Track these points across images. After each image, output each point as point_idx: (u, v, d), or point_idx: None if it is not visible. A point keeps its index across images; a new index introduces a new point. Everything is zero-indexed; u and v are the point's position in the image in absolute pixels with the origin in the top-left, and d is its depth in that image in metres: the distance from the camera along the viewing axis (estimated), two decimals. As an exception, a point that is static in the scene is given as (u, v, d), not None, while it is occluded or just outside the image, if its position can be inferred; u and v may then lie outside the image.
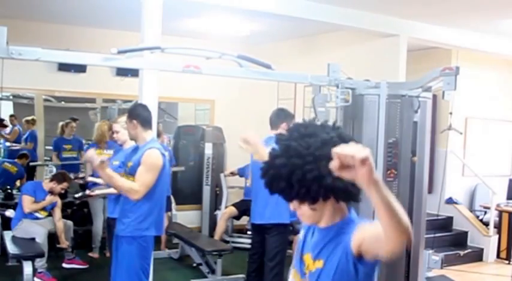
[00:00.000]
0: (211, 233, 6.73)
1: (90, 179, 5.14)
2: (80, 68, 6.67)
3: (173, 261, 6.22)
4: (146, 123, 3.52)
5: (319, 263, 1.57)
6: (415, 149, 3.62)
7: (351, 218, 1.60)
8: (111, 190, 4.15)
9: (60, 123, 7.27)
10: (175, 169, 7.14)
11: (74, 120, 7.36)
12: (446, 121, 6.04)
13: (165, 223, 5.15)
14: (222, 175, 7.21)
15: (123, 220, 3.43)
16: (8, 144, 8.30)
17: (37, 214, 5.38)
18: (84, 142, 7.38)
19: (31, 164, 7.37)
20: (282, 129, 4.39)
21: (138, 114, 3.51)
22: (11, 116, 8.31)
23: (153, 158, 3.36)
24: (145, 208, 3.38)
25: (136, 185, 3.32)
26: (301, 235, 1.73)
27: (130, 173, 3.45)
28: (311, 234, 1.67)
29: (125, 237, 3.40)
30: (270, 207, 4.22)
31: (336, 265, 1.52)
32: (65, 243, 5.51)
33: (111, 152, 5.12)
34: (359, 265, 1.48)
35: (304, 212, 1.57)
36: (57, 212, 5.51)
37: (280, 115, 4.41)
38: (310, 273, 1.60)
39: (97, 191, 4.57)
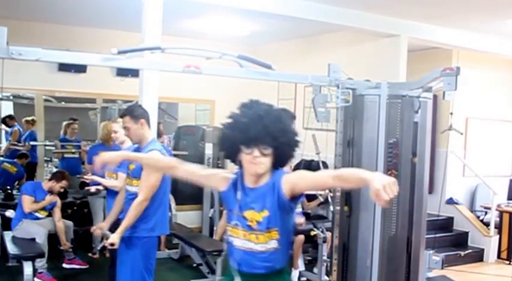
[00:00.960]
0: (212, 233, 6.73)
1: (93, 177, 5.17)
2: (80, 69, 6.68)
3: (173, 261, 6.21)
4: (149, 122, 3.55)
5: (265, 213, 2.05)
6: (415, 150, 3.61)
7: (274, 175, 2.10)
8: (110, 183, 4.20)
9: (64, 123, 7.28)
10: (178, 152, 7.19)
11: (74, 120, 7.36)
12: (447, 121, 6.04)
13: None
14: None
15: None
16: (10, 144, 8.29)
17: (37, 214, 5.38)
18: (84, 142, 7.36)
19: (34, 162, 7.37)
20: None
21: (142, 113, 3.53)
22: (9, 117, 8.29)
23: None
24: (149, 209, 3.38)
25: (139, 199, 3.31)
26: (239, 196, 2.11)
27: (134, 176, 3.43)
28: (243, 195, 2.11)
29: (129, 237, 3.40)
30: None
31: (277, 208, 2.04)
32: (66, 244, 5.52)
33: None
34: (291, 204, 2.08)
35: (265, 162, 2.04)
36: (57, 212, 5.50)
37: None
38: (259, 223, 2.06)
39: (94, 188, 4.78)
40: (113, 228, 4.27)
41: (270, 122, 2.02)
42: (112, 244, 3.27)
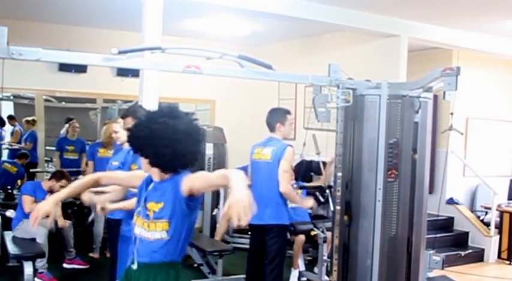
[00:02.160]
0: (212, 234, 6.72)
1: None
2: (81, 69, 6.69)
3: (174, 261, 6.20)
4: None
5: (160, 204, 2.23)
6: (415, 148, 3.62)
7: (176, 175, 2.27)
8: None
9: (67, 125, 7.26)
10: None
11: (70, 120, 7.34)
12: (447, 121, 6.04)
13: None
14: None
15: (129, 221, 3.41)
16: (9, 144, 8.29)
17: (37, 214, 5.37)
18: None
19: (31, 170, 7.33)
20: (278, 130, 4.34)
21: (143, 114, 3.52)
22: (9, 117, 8.28)
23: None
24: None
25: None
26: (146, 191, 2.31)
27: None
28: (150, 188, 2.31)
29: (130, 237, 3.39)
30: (270, 208, 4.20)
31: (172, 203, 2.20)
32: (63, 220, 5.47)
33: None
34: (189, 202, 2.21)
35: (155, 172, 2.27)
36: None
37: (274, 116, 4.36)
38: (155, 213, 2.24)
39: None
40: (108, 229, 4.26)
41: (140, 137, 2.24)
42: (103, 208, 3.30)
